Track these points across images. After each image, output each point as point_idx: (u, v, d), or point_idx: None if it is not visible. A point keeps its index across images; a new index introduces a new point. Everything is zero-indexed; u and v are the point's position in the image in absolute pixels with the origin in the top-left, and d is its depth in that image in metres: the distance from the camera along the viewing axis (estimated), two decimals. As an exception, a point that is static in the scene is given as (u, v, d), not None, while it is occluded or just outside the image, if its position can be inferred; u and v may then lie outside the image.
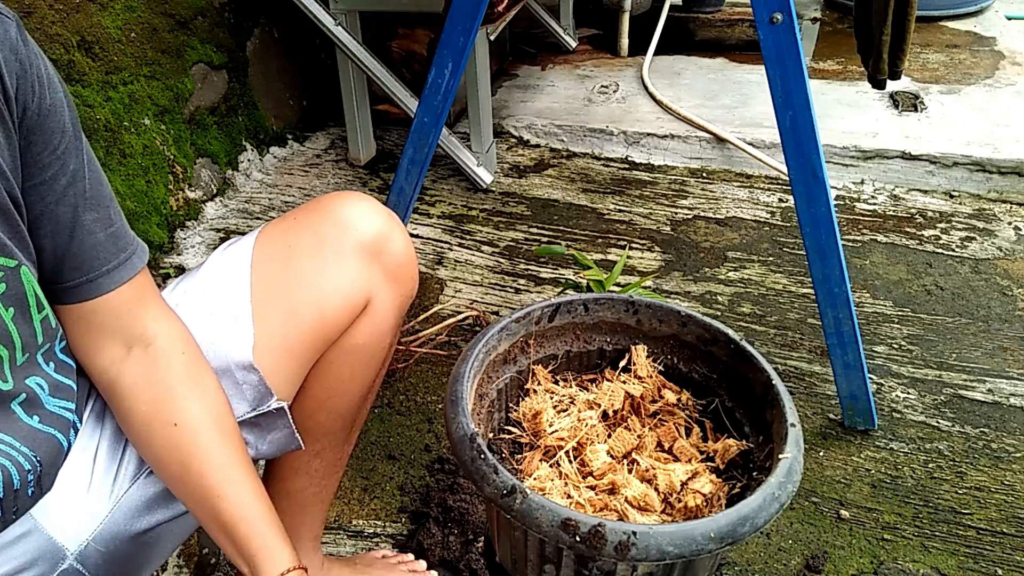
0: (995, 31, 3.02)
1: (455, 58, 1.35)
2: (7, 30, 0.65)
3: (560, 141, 2.45)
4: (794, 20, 1.13)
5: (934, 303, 1.77)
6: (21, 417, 0.71)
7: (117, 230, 0.76)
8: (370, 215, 0.90)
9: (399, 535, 1.27)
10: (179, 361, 0.78)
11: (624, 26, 2.89)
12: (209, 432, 0.76)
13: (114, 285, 0.75)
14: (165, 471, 0.77)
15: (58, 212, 0.70)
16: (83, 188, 0.72)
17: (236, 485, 0.76)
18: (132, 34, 1.92)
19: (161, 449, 0.76)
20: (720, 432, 0.92)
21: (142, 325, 0.77)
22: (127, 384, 0.77)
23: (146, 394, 0.76)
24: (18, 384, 0.70)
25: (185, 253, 1.96)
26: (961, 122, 2.33)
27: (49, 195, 0.70)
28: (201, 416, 0.77)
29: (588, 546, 0.68)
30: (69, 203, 0.71)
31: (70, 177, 0.71)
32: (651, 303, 0.96)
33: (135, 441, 0.78)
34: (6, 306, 0.67)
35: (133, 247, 0.77)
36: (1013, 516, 1.29)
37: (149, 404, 0.76)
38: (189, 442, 0.75)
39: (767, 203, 2.15)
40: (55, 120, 0.69)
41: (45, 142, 0.68)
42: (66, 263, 0.72)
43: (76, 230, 0.72)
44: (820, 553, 1.23)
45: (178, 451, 0.75)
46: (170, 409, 0.76)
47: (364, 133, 2.33)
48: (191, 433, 0.76)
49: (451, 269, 1.91)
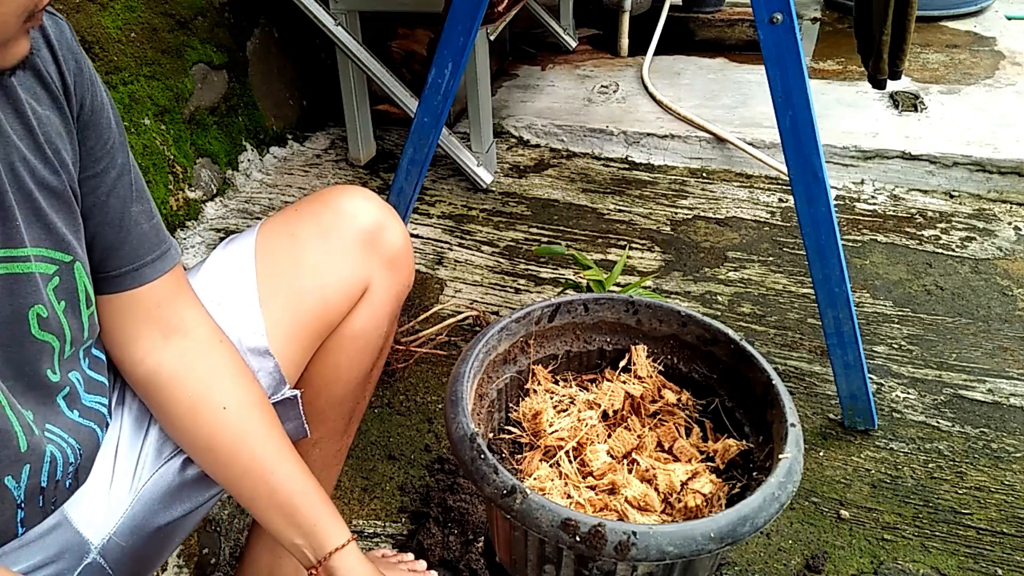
0: (995, 31, 3.02)
1: (455, 58, 1.35)
2: (63, 30, 0.68)
3: (560, 141, 2.45)
4: (794, 20, 1.13)
5: (934, 303, 1.77)
6: (64, 411, 0.73)
7: (157, 223, 0.79)
8: (366, 205, 0.93)
9: (399, 535, 1.27)
10: (219, 349, 0.81)
11: (624, 26, 2.89)
12: (257, 414, 0.79)
13: (156, 275, 0.78)
14: (212, 455, 0.79)
15: (110, 203, 0.73)
16: (130, 181, 0.75)
17: (288, 463, 0.79)
18: (132, 34, 1.92)
19: (210, 434, 0.78)
20: (720, 432, 0.92)
21: (179, 315, 0.80)
22: (168, 372, 0.78)
23: (190, 381, 0.78)
24: (63, 378, 0.72)
25: (185, 253, 1.96)
26: (961, 122, 2.33)
27: (101, 187, 0.72)
28: (248, 399, 0.80)
29: (588, 546, 0.68)
30: (119, 195, 0.74)
31: (119, 170, 0.74)
32: (651, 303, 0.96)
33: (178, 428, 0.79)
34: (58, 299, 0.69)
35: (170, 242, 0.80)
36: (1013, 516, 1.29)
37: (195, 390, 0.78)
38: (240, 424, 0.78)
39: (767, 203, 2.15)
40: (104, 116, 0.72)
41: (97, 136, 0.71)
42: (115, 252, 0.75)
43: (125, 220, 0.74)
44: (820, 553, 1.23)
45: (229, 433, 0.78)
46: (218, 392, 0.78)
47: (364, 133, 2.33)
48: (242, 415, 0.78)
49: (451, 269, 1.91)
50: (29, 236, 0.65)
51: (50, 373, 0.70)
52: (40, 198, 0.66)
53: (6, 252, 0.63)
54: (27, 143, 0.65)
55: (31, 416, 0.68)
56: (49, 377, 0.70)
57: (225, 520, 1.28)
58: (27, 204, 0.65)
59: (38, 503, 0.71)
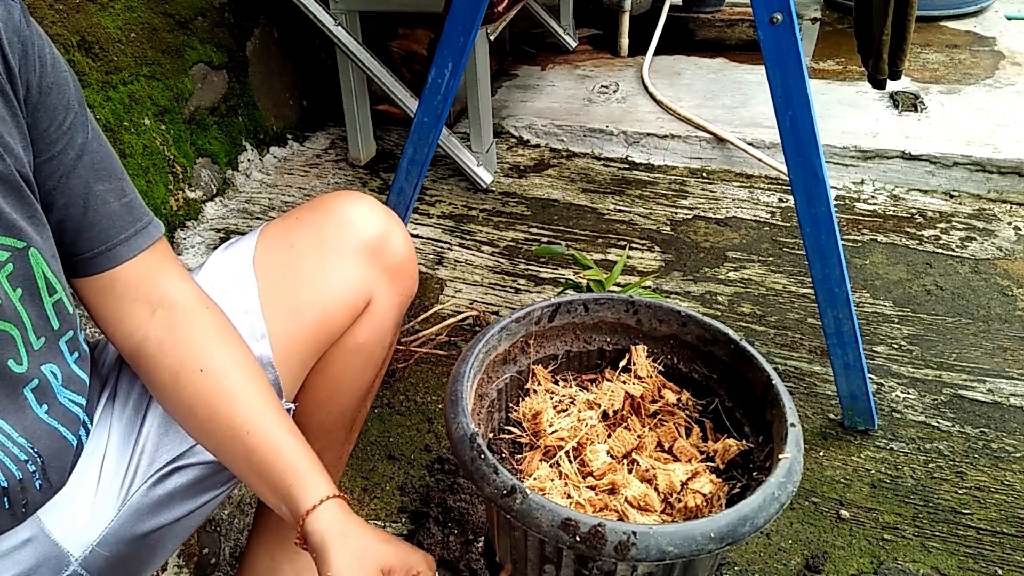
0: (995, 31, 3.02)
1: (455, 58, 1.35)
2: (11, 12, 0.67)
3: (560, 141, 2.45)
4: (794, 20, 1.13)
5: (934, 303, 1.77)
6: (32, 405, 0.71)
7: (131, 201, 0.77)
8: (370, 214, 0.91)
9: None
10: (203, 315, 0.79)
11: (624, 26, 2.89)
12: (236, 374, 0.77)
13: (132, 253, 0.76)
14: (193, 419, 0.77)
15: (69, 185, 0.72)
16: (92, 160, 0.73)
17: (266, 421, 0.76)
18: (132, 34, 1.92)
19: (190, 397, 0.76)
20: (720, 432, 0.92)
21: (162, 290, 0.78)
22: (153, 344, 0.77)
23: (172, 348, 0.77)
24: (32, 369, 0.71)
25: (185, 253, 1.96)
26: (961, 122, 2.33)
27: (59, 169, 0.71)
28: (228, 360, 0.77)
29: (588, 546, 0.68)
30: (79, 175, 0.72)
31: (78, 151, 0.72)
32: (651, 303, 0.96)
33: (163, 396, 0.78)
34: (13, 286, 0.68)
35: (149, 218, 0.78)
36: (1013, 516, 1.29)
37: (175, 357, 0.77)
38: (217, 385, 0.76)
39: (767, 203, 2.15)
40: (58, 97, 0.70)
41: (51, 119, 0.70)
42: (83, 234, 0.73)
43: (89, 200, 0.73)
44: (820, 553, 1.23)
45: (206, 395, 0.76)
46: (196, 357, 0.77)
47: (364, 133, 2.33)
48: (218, 376, 0.76)
49: (451, 269, 1.91)
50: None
51: (13, 364, 0.68)
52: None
53: None
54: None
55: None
56: (11, 368, 0.68)
57: (225, 520, 1.28)
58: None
59: (3, 504, 0.69)
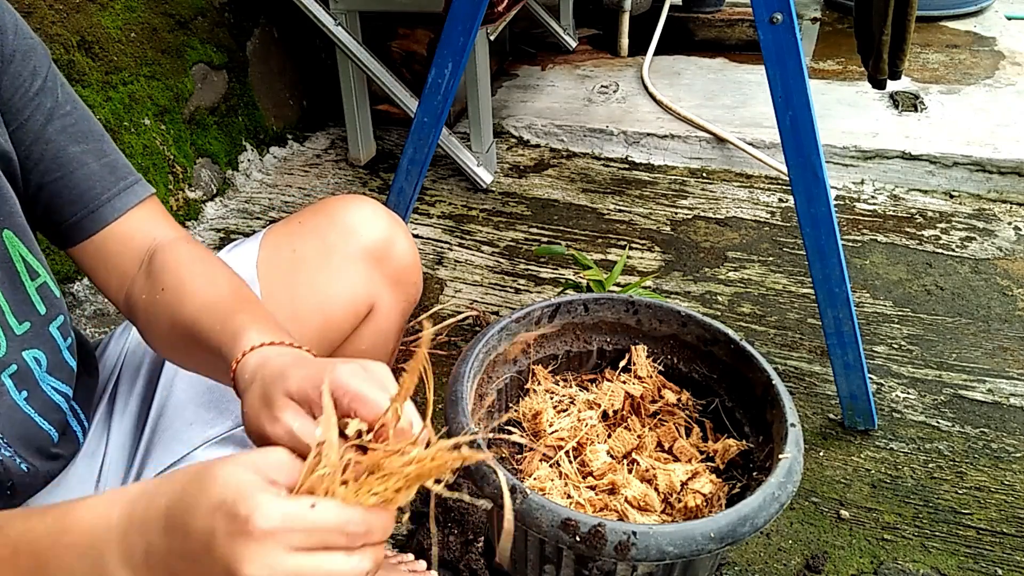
0: (995, 31, 3.02)
1: (455, 58, 1.35)
2: None
3: (560, 141, 2.45)
4: (794, 20, 1.13)
5: (934, 303, 1.77)
6: (10, 391, 0.70)
7: (113, 161, 0.75)
8: (374, 220, 0.89)
9: (399, 535, 1.27)
10: (180, 248, 0.76)
11: (624, 26, 2.89)
12: (198, 283, 0.72)
13: (116, 214, 0.74)
14: (169, 346, 0.74)
15: (41, 150, 0.70)
16: (64, 124, 0.71)
17: (216, 307, 0.70)
18: (132, 34, 1.92)
19: (161, 323, 0.72)
20: (720, 432, 0.92)
21: (151, 242, 0.76)
22: (137, 288, 0.75)
23: (150, 285, 0.74)
24: (12, 355, 0.69)
25: (185, 253, 1.96)
26: (961, 122, 2.33)
27: (28, 137, 0.69)
28: (194, 274, 0.73)
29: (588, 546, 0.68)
30: (50, 139, 0.70)
31: (47, 115, 0.70)
32: (651, 303, 0.96)
33: (158, 343, 0.76)
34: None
35: (135, 178, 0.76)
36: (1013, 516, 1.29)
37: (150, 290, 0.73)
38: (177, 298, 0.71)
39: (767, 203, 2.15)
40: (23, 64, 0.68)
41: (15, 87, 0.68)
42: (64, 198, 0.72)
43: (64, 163, 0.71)
44: (820, 553, 1.23)
45: (169, 308, 0.71)
46: (181, 296, 0.72)
47: (364, 133, 2.33)
48: (180, 290, 0.72)
49: (451, 269, 1.91)
50: None
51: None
52: None
53: None
54: None
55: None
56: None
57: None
58: None
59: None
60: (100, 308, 1.75)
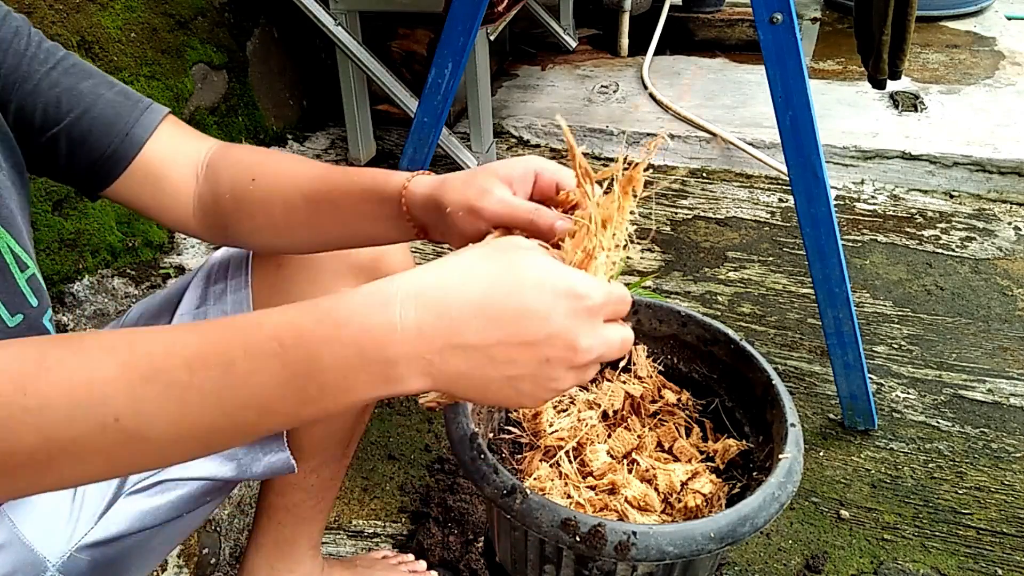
0: (995, 31, 3.02)
1: (455, 58, 1.35)
2: None
3: (560, 141, 2.45)
4: (794, 20, 1.13)
5: (934, 303, 1.77)
6: None
7: (124, 89, 0.75)
8: None
9: (399, 535, 1.27)
10: (235, 149, 0.78)
11: (624, 26, 2.89)
12: (286, 163, 0.75)
13: (148, 132, 0.74)
14: (273, 228, 0.75)
15: (54, 95, 0.70)
16: (65, 67, 0.71)
17: (330, 172, 0.74)
18: (132, 34, 1.92)
19: (258, 212, 0.74)
20: (720, 432, 0.92)
21: (194, 154, 0.77)
22: (213, 196, 0.75)
23: (224, 187, 0.75)
24: None
25: (185, 253, 1.96)
26: (961, 122, 2.33)
27: (39, 86, 0.69)
28: (272, 158, 0.76)
29: (588, 546, 0.68)
30: (58, 82, 0.70)
31: (46, 64, 0.70)
32: (651, 303, 0.96)
33: (239, 233, 0.77)
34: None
35: (148, 100, 0.76)
36: (1013, 516, 1.29)
37: (229, 189, 0.75)
38: (274, 181, 0.74)
39: (767, 203, 2.15)
40: (4, 27, 0.68)
41: (4, 49, 0.68)
42: (94, 132, 0.71)
43: (82, 99, 0.71)
44: (820, 553, 1.23)
45: (267, 194, 0.73)
46: (245, 175, 0.75)
47: (364, 133, 2.33)
48: (272, 174, 0.74)
49: (451, 269, 1.91)
50: None
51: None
52: None
53: None
54: None
55: None
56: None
57: (225, 520, 1.28)
58: None
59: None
60: (100, 308, 1.75)
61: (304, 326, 0.46)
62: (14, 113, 0.69)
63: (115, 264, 1.85)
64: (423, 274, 0.48)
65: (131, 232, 1.87)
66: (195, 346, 0.46)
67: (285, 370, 0.46)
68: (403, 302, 0.47)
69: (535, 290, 0.48)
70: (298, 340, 0.46)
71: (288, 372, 0.46)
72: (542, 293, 0.48)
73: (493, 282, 0.48)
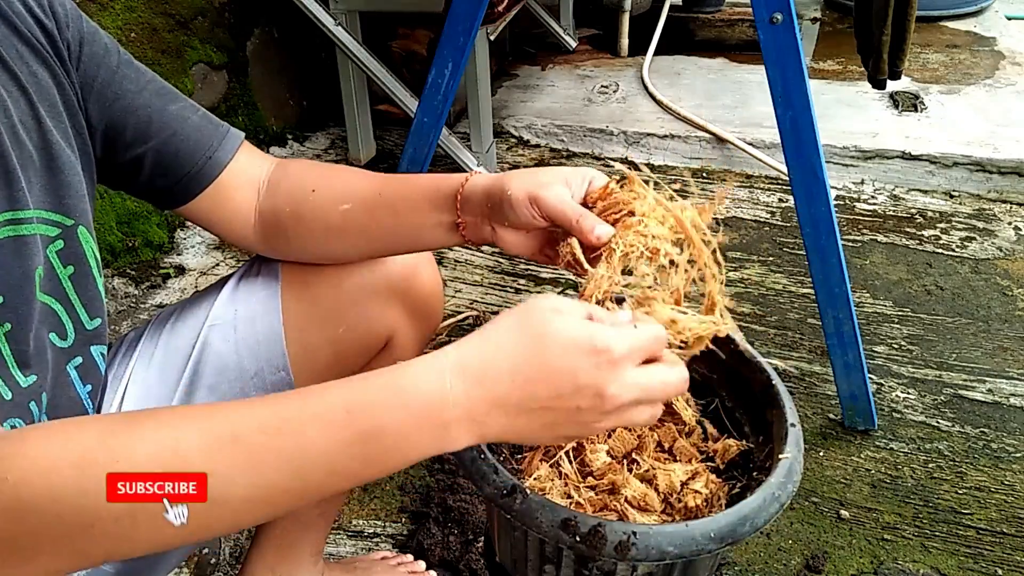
0: (995, 31, 3.02)
1: (455, 58, 1.35)
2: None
3: (560, 141, 2.45)
4: (794, 20, 1.13)
5: (934, 303, 1.77)
6: (75, 382, 0.72)
7: (205, 113, 0.79)
8: None
9: (399, 535, 1.27)
10: (293, 164, 0.83)
11: (624, 26, 2.89)
12: (343, 175, 0.81)
13: (229, 156, 0.78)
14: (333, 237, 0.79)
15: (144, 115, 0.73)
16: (154, 89, 0.75)
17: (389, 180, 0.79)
18: (132, 34, 1.92)
19: (316, 221, 0.79)
20: (720, 432, 0.92)
21: (261, 174, 0.81)
22: (272, 209, 0.80)
23: (282, 200, 0.80)
24: (79, 347, 0.71)
25: (185, 253, 1.96)
26: (961, 122, 2.33)
27: (128, 106, 0.72)
28: (328, 171, 0.81)
29: (588, 546, 0.68)
30: (148, 103, 0.73)
31: (136, 83, 0.73)
32: (651, 303, 0.96)
33: (301, 244, 0.80)
34: (64, 263, 0.69)
35: (227, 125, 0.80)
36: (1013, 516, 1.29)
37: (288, 202, 0.79)
38: (331, 193, 0.78)
39: (767, 203, 2.15)
40: (94, 44, 0.71)
41: (97, 64, 0.71)
42: (181, 153, 0.75)
43: (171, 121, 0.74)
44: (820, 553, 1.23)
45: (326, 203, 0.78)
46: (302, 187, 0.80)
47: (364, 133, 2.33)
48: (329, 186, 0.79)
49: (451, 269, 1.91)
50: (32, 199, 0.64)
51: (55, 338, 0.69)
52: (40, 160, 0.65)
53: (11, 215, 0.62)
54: (23, 104, 0.64)
55: (31, 381, 0.67)
56: (54, 342, 0.69)
57: (225, 520, 1.28)
58: (30, 166, 0.64)
59: None
60: (100, 308, 1.75)
61: (368, 395, 0.53)
62: (104, 129, 0.72)
63: (115, 264, 1.85)
64: (466, 348, 0.55)
65: (131, 232, 1.87)
66: (270, 414, 0.51)
67: (352, 435, 0.51)
68: (451, 374, 0.53)
69: (559, 352, 0.53)
70: (364, 408, 0.52)
71: (354, 436, 0.51)
72: (566, 353, 0.53)
73: (522, 350, 0.54)
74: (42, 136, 0.65)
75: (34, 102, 0.65)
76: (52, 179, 0.66)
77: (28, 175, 0.64)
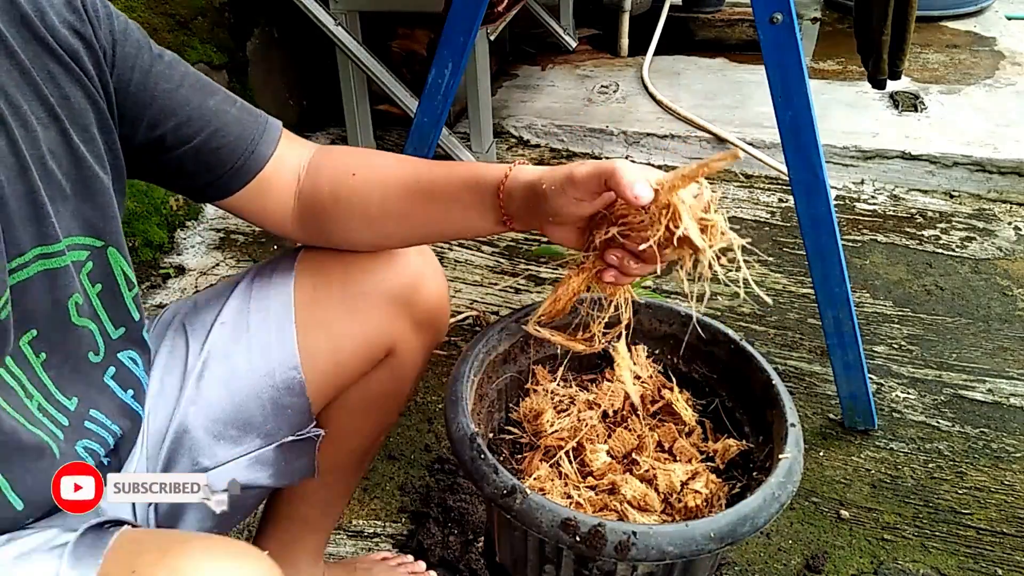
0: (995, 31, 3.02)
1: (455, 58, 1.35)
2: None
3: (560, 141, 2.45)
4: (794, 20, 1.13)
5: (934, 303, 1.77)
6: (116, 390, 0.73)
7: (243, 104, 0.78)
8: (403, 258, 0.86)
9: (399, 535, 1.27)
10: (332, 150, 0.83)
11: (624, 26, 2.89)
12: (381, 160, 0.81)
13: (271, 149, 0.78)
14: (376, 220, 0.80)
15: (185, 113, 0.72)
16: (191, 84, 0.73)
17: (430, 167, 0.80)
18: (132, 34, 1.92)
19: (356, 204, 0.79)
20: (720, 432, 0.92)
21: (300, 162, 0.81)
22: (313, 193, 0.80)
23: (322, 184, 0.80)
24: (110, 358, 0.72)
25: (185, 253, 1.96)
26: (961, 122, 2.33)
27: (167, 105, 0.71)
28: (367, 156, 0.82)
29: (588, 546, 0.68)
30: (189, 100, 0.72)
31: (171, 80, 0.72)
32: (651, 303, 0.96)
33: (341, 227, 0.81)
34: (93, 283, 0.69)
35: (265, 115, 0.80)
36: (1013, 516, 1.29)
37: (328, 185, 0.80)
38: (372, 175, 0.79)
39: (767, 203, 2.15)
40: (127, 43, 0.69)
41: (132, 65, 0.69)
42: (223, 148, 0.74)
43: (212, 116, 0.73)
44: (820, 553, 1.23)
45: (367, 186, 0.79)
46: (344, 172, 0.80)
47: (364, 133, 2.33)
48: (370, 168, 0.80)
49: (451, 269, 1.91)
50: (61, 227, 0.64)
51: (91, 355, 0.70)
52: (71, 186, 0.65)
53: (42, 249, 0.63)
54: (54, 131, 0.63)
55: (75, 403, 0.68)
56: (90, 359, 0.70)
57: (225, 520, 1.28)
58: (59, 196, 0.64)
59: None
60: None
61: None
62: (144, 131, 0.71)
63: (115, 264, 1.85)
64: None
65: (131, 232, 1.87)
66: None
67: None
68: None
69: None
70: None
71: None
72: None
73: None
74: (75, 162, 0.65)
75: (66, 128, 0.64)
76: (83, 204, 0.66)
77: (57, 206, 0.64)
